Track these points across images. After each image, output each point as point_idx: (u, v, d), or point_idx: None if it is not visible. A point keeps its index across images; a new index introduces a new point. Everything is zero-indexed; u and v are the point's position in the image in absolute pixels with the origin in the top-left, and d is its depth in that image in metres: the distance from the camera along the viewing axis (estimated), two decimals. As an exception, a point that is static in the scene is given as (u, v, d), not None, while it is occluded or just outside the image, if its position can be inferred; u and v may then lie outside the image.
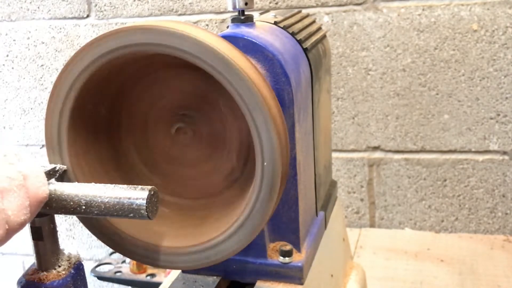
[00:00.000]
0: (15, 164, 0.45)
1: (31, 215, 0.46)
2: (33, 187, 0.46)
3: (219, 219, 0.59)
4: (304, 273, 0.64)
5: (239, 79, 0.51)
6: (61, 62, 1.48)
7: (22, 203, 0.44)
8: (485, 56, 1.20)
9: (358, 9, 1.25)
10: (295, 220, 0.65)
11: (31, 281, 0.50)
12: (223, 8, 1.33)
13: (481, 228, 1.30)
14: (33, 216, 0.46)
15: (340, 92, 1.30)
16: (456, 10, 1.19)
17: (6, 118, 1.57)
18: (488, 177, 1.27)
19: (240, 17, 0.64)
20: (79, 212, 0.48)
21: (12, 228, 0.43)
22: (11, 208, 0.43)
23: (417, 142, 1.28)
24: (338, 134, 1.32)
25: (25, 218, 0.44)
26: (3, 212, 0.42)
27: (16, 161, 0.45)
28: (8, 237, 0.44)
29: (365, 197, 1.35)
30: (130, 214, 0.47)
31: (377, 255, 1.21)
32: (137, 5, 1.38)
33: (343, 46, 1.27)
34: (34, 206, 0.46)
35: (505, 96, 1.21)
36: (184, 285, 0.66)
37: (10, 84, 1.53)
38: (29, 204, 0.45)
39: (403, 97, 1.26)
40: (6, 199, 0.43)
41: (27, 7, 1.46)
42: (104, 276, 1.30)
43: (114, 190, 0.47)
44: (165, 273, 1.25)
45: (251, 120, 0.52)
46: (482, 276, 1.10)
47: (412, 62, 1.24)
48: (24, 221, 0.44)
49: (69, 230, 1.62)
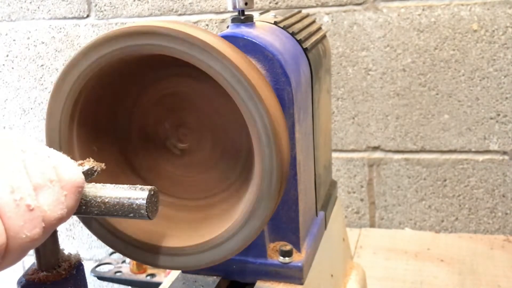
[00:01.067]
0: (46, 160, 0.44)
1: (70, 208, 0.45)
2: (67, 176, 0.44)
3: (219, 220, 0.59)
4: (304, 273, 0.64)
5: (239, 79, 0.51)
6: (61, 62, 1.48)
7: (58, 197, 0.43)
8: (485, 56, 1.20)
9: (358, 9, 1.25)
10: (295, 220, 0.65)
11: (31, 281, 0.50)
12: (223, 8, 1.33)
13: (481, 228, 1.30)
14: (73, 208, 0.45)
15: (340, 92, 1.30)
16: (456, 10, 1.19)
17: (6, 118, 1.57)
18: (488, 177, 1.27)
19: (240, 17, 0.64)
20: (79, 212, 0.48)
21: (50, 224, 0.42)
22: (47, 203, 0.42)
23: (417, 142, 1.28)
24: (338, 134, 1.32)
25: (62, 213, 0.43)
26: (38, 209, 0.41)
27: (47, 157, 0.44)
28: (46, 235, 0.43)
29: (365, 197, 1.35)
30: (130, 214, 0.47)
31: (377, 255, 1.21)
32: (137, 5, 1.38)
33: (343, 46, 1.27)
34: (72, 197, 0.45)
35: (505, 96, 1.21)
36: (184, 285, 0.66)
37: (10, 84, 1.53)
38: (66, 196, 0.44)
39: (403, 97, 1.26)
40: (41, 195, 0.42)
41: (27, 7, 1.46)
42: (104, 276, 1.30)
43: (114, 190, 0.47)
44: (165, 273, 1.25)
45: (251, 121, 0.52)
46: (482, 276, 1.10)
47: (412, 62, 1.24)
48: (61, 216, 0.43)
49: (69, 230, 1.62)
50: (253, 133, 0.52)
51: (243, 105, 0.51)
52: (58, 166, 0.44)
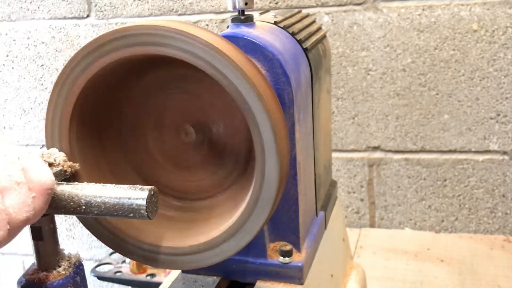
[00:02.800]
0: (15, 163, 0.44)
1: (38, 210, 0.45)
2: (36, 178, 0.45)
3: (219, 220, 0.59)
4: (304, 273, 0.64)
5: (239, 79, 0.51)
6: (61, 62, 1.48)
7: (24, 200, 0.44)
8: (485, 56, 1.20)
9: (358, 9, 1.25)
10: (295, 220, 0.65)
11: (31, 281, 0.50)
12: (223, 8, 1.33)
13: (481, 228, 1.30)
14: (42, 209, 0.46)
15: (340, 92, 1.30)
16: (456, 10, 1.19)
17: (6, 118, 1.57)
18: (488, 177, 1.27)
19: (240, 17, 0.64)
20: (79, 212, 0.48)
21: (15, 227, 0.43)
22: (12, 206, 0.43)
23: (417, 142, 1.28)
24: (338, 134, 1.32)
25: (28, 215, 0.44)
26: (3, 212, 0.42)
27: (16, 160, 0.45)
28: (11, 237, 0.43)
29: (365, 197, 1.35)
30: (130, 214, 0.47)
31: (377, 255, 1.21)
32: (137, 5, 1.38)
33: (343, 46, 1.27)
34: (41, 198, 0.45)
35: (505, 96, 1.21)
36: (184, 285, 0.66)
37: (10, 84, 1.53)
38: (35, 198, 0.45)
39: (403, 97, 1.26)
40: (7, 198, 0.43)
41: (27, 7, 1.46)
42: (104, 276, 1.30)
43: (114, 190, 0.47)
44: (165, 273, 1.25)
45: (252, 120, 0.52)
46: (482, 276, 1.10)
47: (412, 62, 1.24)
48: (27, 218, 0.44)
49: (69, 230, 1.62)
50: (254, 133, 0.52)
51: (243, 105, 0.51)
52: (28, 168, 0.45)
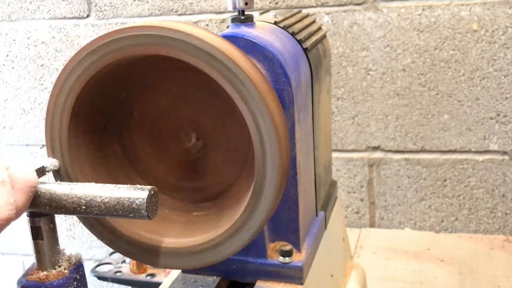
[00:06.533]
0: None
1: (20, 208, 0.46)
2: (20, 175, 0.46)
3: (219, 219, 0.59)
4: (304, 273, 0.64)
5: (240, 79, 0.51)
6: (61, 62, 1.48)
7: (7, 199, 0.44)
8: (485, 56, 1.20)
9: (358, 9, 1.25)
10: (295, 220, 0.65)
11: (31, 281, 0.50)
12: (223, 8, 1.33)
13: (481, 228, 1.30)
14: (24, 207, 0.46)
15: (340, 92, 1.30)
16: (456, 10, 1.19)
17: (6, 118, 1.57)
18: (488, 177, 1.27)
19: (240, 17, 0.64)
20: (79, 212, 0.48)
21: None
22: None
23: (417, 142, 1.28)
24: (338, 134, 1.32)
25: (10, 213, 0.44)
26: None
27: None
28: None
29: (365, 197, 1.35)
30: (130, 214, 0.47)
31: (377, 255, 1.21)
32: (137, 5, 1.38)
33: (343, 46, 1.27)
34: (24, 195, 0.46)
35: (505, 96, 1.21)
36: (184, 285, 0.66)
37: (10, 84, 1.53)
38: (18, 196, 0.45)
39: (403, 97, 1.26)
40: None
41: (27, 7, 1.46)
42: (104, 276, 1.31)
43: (114, 190, 0.47)
44: (165, 273, 1.25)
45: (252, 120, 0.52)
46: (482, 276, 1.10)
47: (412, 62, 1.24)
48: (9, 216, 0.44)
49: (69, 230, 1.62)
50: (254, 133, 0.52)
51: (244, 105, 0.51)
52: (11, 166, 0.46)
